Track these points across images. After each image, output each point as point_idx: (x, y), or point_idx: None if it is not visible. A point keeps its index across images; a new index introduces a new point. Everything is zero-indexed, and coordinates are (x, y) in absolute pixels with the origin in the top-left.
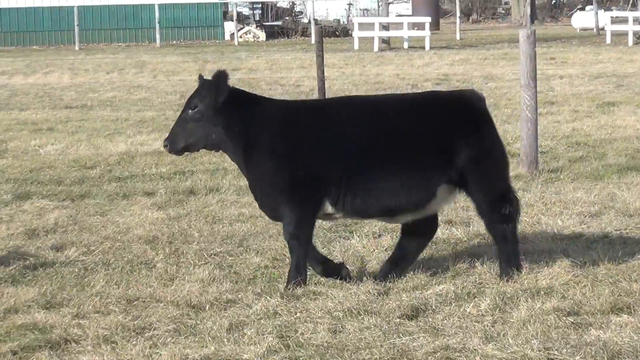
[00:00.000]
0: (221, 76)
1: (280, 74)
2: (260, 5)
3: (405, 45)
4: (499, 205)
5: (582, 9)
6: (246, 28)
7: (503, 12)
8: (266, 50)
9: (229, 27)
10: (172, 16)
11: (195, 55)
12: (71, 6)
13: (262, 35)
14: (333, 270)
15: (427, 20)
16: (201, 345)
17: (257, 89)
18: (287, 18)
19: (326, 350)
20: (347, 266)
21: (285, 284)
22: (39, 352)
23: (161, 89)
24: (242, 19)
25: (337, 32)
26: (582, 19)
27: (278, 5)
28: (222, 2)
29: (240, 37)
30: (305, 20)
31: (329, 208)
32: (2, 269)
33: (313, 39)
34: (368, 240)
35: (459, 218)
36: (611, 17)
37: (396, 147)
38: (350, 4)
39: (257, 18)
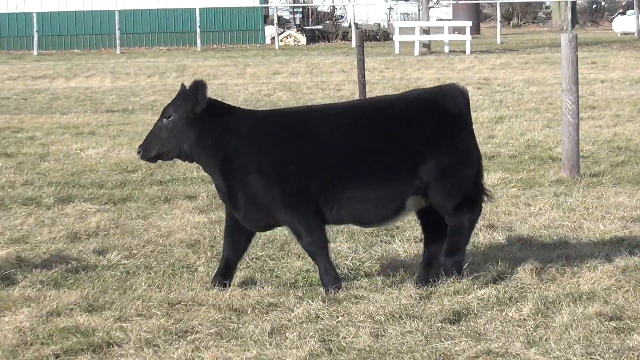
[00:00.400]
0: (199, 86)
1: (320, 78)
2: (300, 9)
3: (446, 49)
4: (461, 207)
5: (623, 13)
6: (287, 32)
7: (544, 16)
8: (307, 54)
9: (270, 31)
10: (213, 20)
11: (236, 59)
12: (112, 10)
13: (302, 39)
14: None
15: (467, 24)
16: (243, 349)
17: (297, 92)
18: (328, 22)
19: (368, 355)
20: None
21: (324, 289)
22: (81, 355)
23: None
24: (282, 23)
25: (377, 36)
26: (623, 23)
27: (319, 9)
28: (263, 6)
29: (281, 41)
30: (346, 24)
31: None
32: (45, 272)
33: (354, 43)
34: (409, 244)
35: (500, 222)
36: None
37: (363, 157)
38: (390, 8)
39: (298, 22)
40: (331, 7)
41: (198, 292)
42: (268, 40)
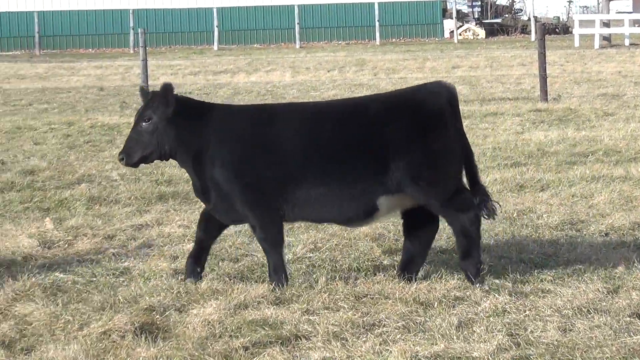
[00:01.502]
0: (168, 89)
1: (500, 72)
2: (479, 3)
3: (627, 42)
4: (453, 202)
5: None
6: (465, 26)
7: None
8: (486, 47)
9: (449, 24)
10: (392, 14)
11: (415, 53)
12: (292, 5)
13: (481, 33)
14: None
15: None
16: (431, 343)
17: (477, 86)
18: (507, 15)
19: (556, 349)
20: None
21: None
22: (269, 347)
23: (382, 87)
24: (461, 17)
25: (557, 29)
26: None
27: (497, 2)
28: (442, 0)
29: (460, 34)
30: (525, 18)
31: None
32: (232, 265)
33: (533, 36)
34: (594, 237)
35: None
36: None
37: (326, 156)
38: (570, 1)
39: (476, 15)
40: (510, 0)
41: (384, 286)
42: (447, 34)
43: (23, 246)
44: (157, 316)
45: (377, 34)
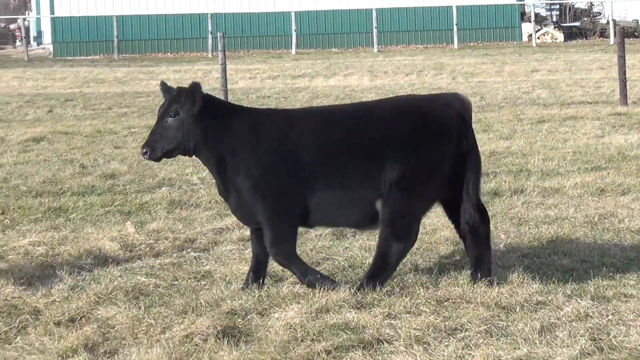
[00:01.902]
0: (196, 87)
1: (579, 75)
2: (557, 6)
3: None
4: (401, 225)
5: None
6: (544, 29)
7: None
8: (564, 51)
9: (527, 28)
10: (470, 18)
11: (493, 57)
12: (369, 9)
13: (559, 37)
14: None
15: None
16: (513, 347)
17: (557, 90)
18: (585, 19)
19: None
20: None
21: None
22: (352, 351)
23: (460, 90)
24: (539, 20)
25: (636, 32)
26: None
27: (576, 6)
28: (520, 3)
29: (538, 38)
30: (603, 21)
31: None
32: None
33: (612, 40)
34: None
35: None
36: None
37: (343, 160)
38: None
39: (555, 19)
40: (589, 4)
41: (465, 290)
42: (525, 38)
43: (105, 249)
44: (239, 320)
45: (455, 38)
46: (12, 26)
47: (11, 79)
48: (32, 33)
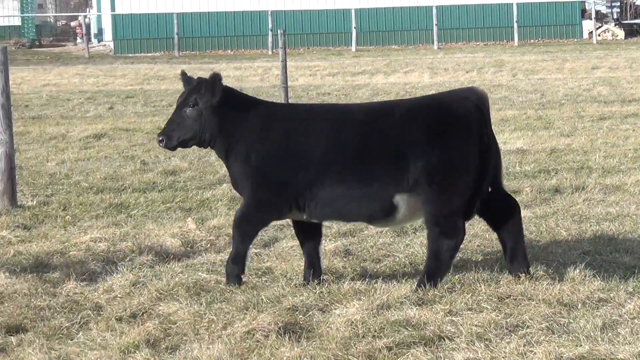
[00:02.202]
0: (217, 79)
1: None
2: (618, 3)
3: None
4: (445, 224)
5: None
6: (604, 26)
7: None
8: (625, 48)
9: (587, 25)
10: (530, 15)
11: (554, 54)
12: (430, 6)
13: (620, 34)
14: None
15: None
16: (575, 345)
17: (617, 87)
18: None
19: None
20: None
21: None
22: (413, 348)
23: (521, 87)
24: (600, 17)
25: None
26: None
27: (637, 3)
28: (580, 1)
29: (599, 35)
30: None
31: (297, 213)
32: (373, 265)
33: None
34: None
35: None
36: None
37: (354, 157)
38: None
39: (616, 16)
40: None
41: (527, 287)
42: (585, 35)
43: (166, 246)
44: (300, 316)
45: (516, 35)
46: (73, 23)
47: (72, 75)
48: (93, 30)
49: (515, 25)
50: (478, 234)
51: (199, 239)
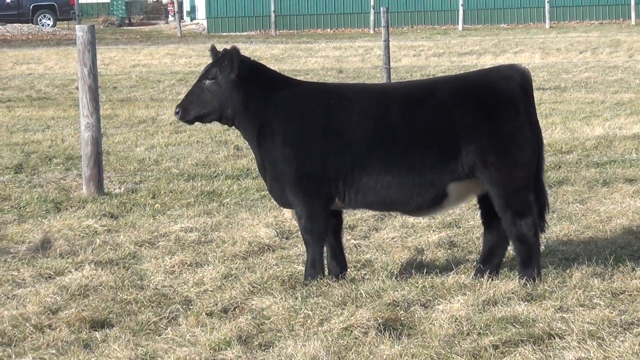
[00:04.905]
0: (234, 53)
1: None
2: None
3: None
4: (516, 201)
5: None
6: None
7: None
8: None
9: None
10: None
11: None
12: None
13: None
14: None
15: None
16: None
17: None
18: None
19: None
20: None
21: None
22: (521, 346)
23: (638, 69)
24: None
25: None
26: None
27: None
28: None
29: None
30: None
31: (337, 202)
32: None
33: None
34: None
35: None
36: None
37: (402, 141)
38: None
39: None
40: None
41: None
42: None
43: (260, 236)
44: (401, 312)
45: (633, 13)
46: (164, 1)
47: (163, 55)
48: (186, 8)
49: (633, 2)
50: (591, 225)
51: (295, 229)
